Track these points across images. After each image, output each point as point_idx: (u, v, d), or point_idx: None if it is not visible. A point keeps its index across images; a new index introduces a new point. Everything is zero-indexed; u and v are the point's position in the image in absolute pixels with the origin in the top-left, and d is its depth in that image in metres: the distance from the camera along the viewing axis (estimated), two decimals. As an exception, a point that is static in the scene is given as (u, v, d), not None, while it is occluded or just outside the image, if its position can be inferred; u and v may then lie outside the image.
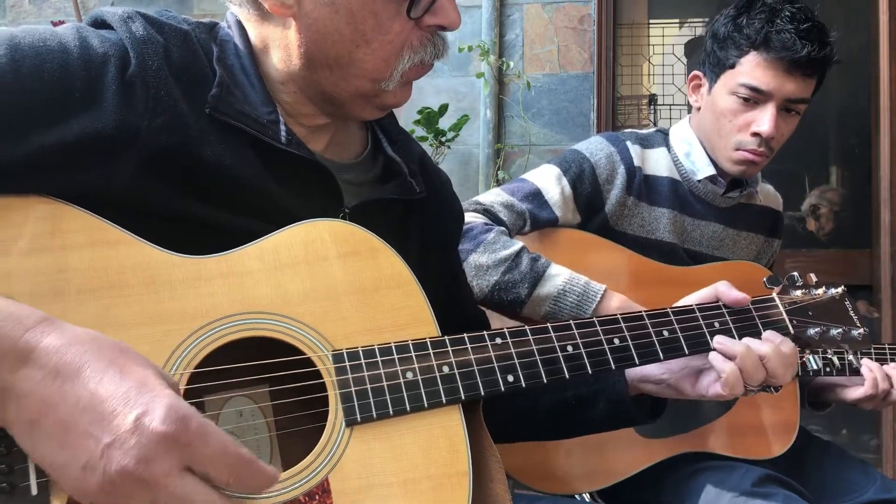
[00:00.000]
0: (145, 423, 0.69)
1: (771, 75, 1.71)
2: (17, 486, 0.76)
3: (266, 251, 0.93)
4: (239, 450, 0.74)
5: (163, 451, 0.69)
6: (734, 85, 1.74)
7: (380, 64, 1.01)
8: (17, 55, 0.86)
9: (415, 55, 1.03)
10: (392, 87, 1.04)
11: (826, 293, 1.28)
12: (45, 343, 0.72)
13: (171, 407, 0.70)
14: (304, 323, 0.92)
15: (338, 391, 0.90)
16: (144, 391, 0.71)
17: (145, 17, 0.98)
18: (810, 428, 1.96)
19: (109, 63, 0.91)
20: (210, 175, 0.95)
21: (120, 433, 0.69)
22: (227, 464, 0.73)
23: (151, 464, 0.69)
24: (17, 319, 0.72)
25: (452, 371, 0.95)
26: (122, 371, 0.72)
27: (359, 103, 1.06)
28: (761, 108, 1.74)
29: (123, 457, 0.69)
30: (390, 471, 0.90)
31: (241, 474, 0.74)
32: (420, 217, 1.20)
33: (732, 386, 1.09)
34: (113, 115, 0.89)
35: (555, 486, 1.66)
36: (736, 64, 1.74)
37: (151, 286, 0.87)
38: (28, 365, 0.71)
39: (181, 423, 0.70)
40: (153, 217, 0.91)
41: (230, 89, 1.00)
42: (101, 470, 0.69)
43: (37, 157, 0.85)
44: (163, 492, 0.70)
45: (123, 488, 0.70)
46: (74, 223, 0.86)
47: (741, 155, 1.78)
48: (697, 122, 1.89)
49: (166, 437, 0.69)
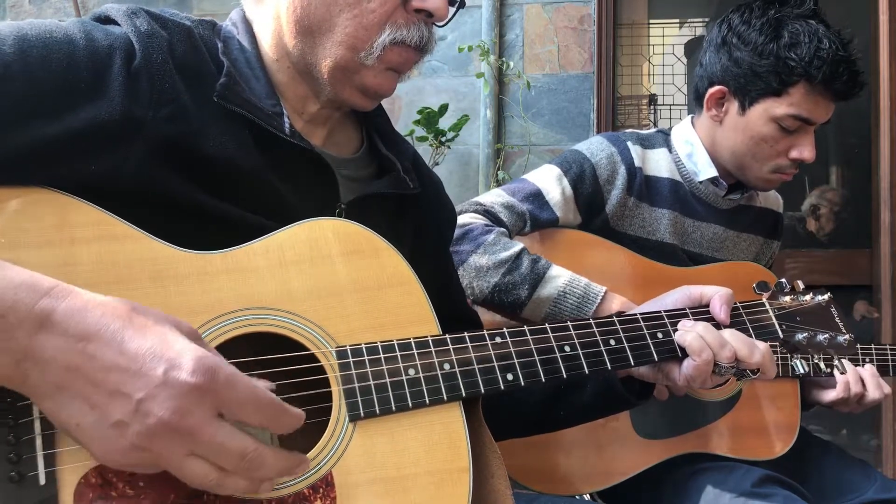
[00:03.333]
0: (175, 375, 0.72)
1: (821, 106, 1.72)
2: (26, 475, 0.77)
3: (271, 248, 0.94)
4: (267, 394, 0.78)
5: (196, 401, 0.72)
6: (780, 114, 1.72)
7: (360, 30, 1.03)
8: (24, 45, 0.87)
9: (396, 31, 1.04)
10: (371, 62, 1.05)
11: (813, 299, 1.31)
12: (62, 308, 0.73)
13: (198, 359, 0.73)
14: (309, 319, 0.93)
15: (341, 387, 0.92)
16: (167, 346, 0.73)
17: (149, 13, 1.00)
18: (810, 428, 1.96)
19: (115, 55, 0.92)
20: (212, 166, 0.96)
21: (151, 388, 0.72)
22: (257, 407, 0.77)
23: (187, 414, 0.72)
24: (31, 286, 0.73)
25: (453, 369, 0.97)
26: (142, 329, 0.74)
27: (339, 78, 1.07)
28: (801, 134, 1.75)
29: (159, 409, 0.71)
30: (392, 465, 0.91)
31: (272, 416, 0.79)
32: (414, 214, 1.22)
33: (699, 352, 1.09)
34: (119, 106, 0.90)
35: (555, 487, 1.66)
36: (783, 93, 1.71)
37: (158, 280, 0.88)
38: (46, 330, 0.72)
39: (210, 374, 0.73)
40: (157, 207, 0.92)
41: (236, 79, 1.02)
42: (138, 425, 0.72)
43: (44, 146, 0.86)
44: (200, 440, 0.74)
45: (161, 441, 0.73)
46: (82, 217, 0.87)
47: (778, 177, 1.80)
48: (712, 133, 1.87)
49: (197, 388, 0.72)
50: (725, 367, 1.10)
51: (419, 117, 3.10)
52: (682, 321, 1.14)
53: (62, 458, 0.78)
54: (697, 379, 1.11)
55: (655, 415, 1.71)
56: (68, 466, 0.78)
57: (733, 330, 1.14)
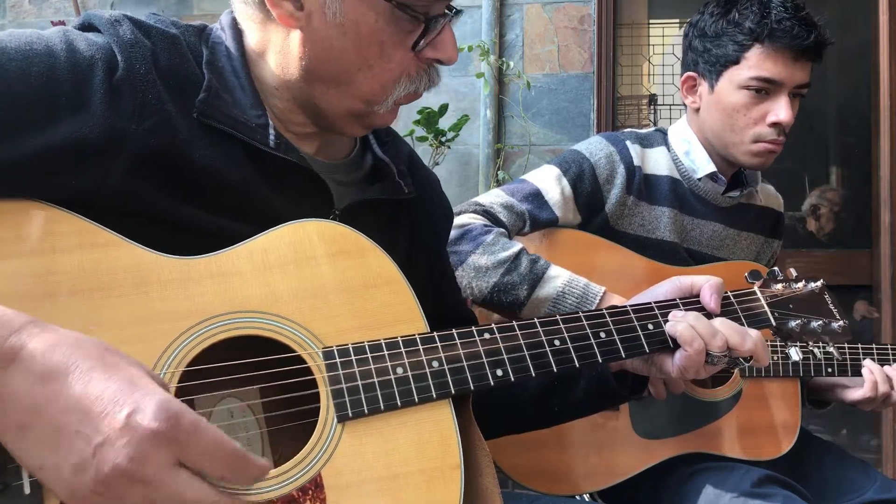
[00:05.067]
0: (136, 420, 0.69)
1: (781, 65, 1.73)
2: (10, 484, 0.76)
3: (255, 251, 0.94)
4: (231, 444, 0.74)
5: (155, 449, 0.69)
6: (743, 79, 1.75)
7: (377, 88, 1.03)
8: (2, 59, 0.86)
9: (410, 84, 1.05)
10: (383, 111, 1.06)
11: (806, 287, 1.30)
12: (31, 346, 0.71)
13: (161, 404, 0.70)
14: (294, 321, 0.92)
15: (329, 387, 0.91)
16: (133, 389, 0.71)
17: (133, 21, 0.98)
18: (810, 428, 1.96)
19: (97, 67, 0.91)
20: (200, 178, 0.95)
21: (111, 432, 0.69)
22: (220, 458, 0.74)
23: (144, 462, 0.69)
24: (2, 324, 0.71)
25: (442, 366, 0.96)
26: (110, 370, 0.72)
27: (348, 121, 1.08)
28: (774, 98, 1.76)
29: (116, 455, 0.68)
30: (382, 465, 0.90)
31: (235, 467, 0.75)
32: (409, 216, 1.21)
33: (690, 342, 1.08)
34: (101, 120, 0.89)
35: (555, 487, 1.66)
36: (740, 59, 1.75)
37: (141, 287, 0.87)
38: (13, 368, 0.70)
39: (173, 420, 0.70)
40: (144, 219, 0.91)
41: (218, 93, 1.00)
42: (94, 470, 0.69)
43: (23, 161, 0.84)
44: (157, 489, 0.70)
45: (117, 487, 0.70)
46: (65, 226, 0.87)
47: (761, 147, 1.79)
48: (698, 123, 1.89)
49: (158, 434, 0.69)
50: (718, 356, 1.09)
51: (419, 117, 3.09)
52: (673, 312, 1.14)
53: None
54: (690, 369, 1.10)
55: (655, 415, 1.71)
56: None
57: (724, 318, 1.13)
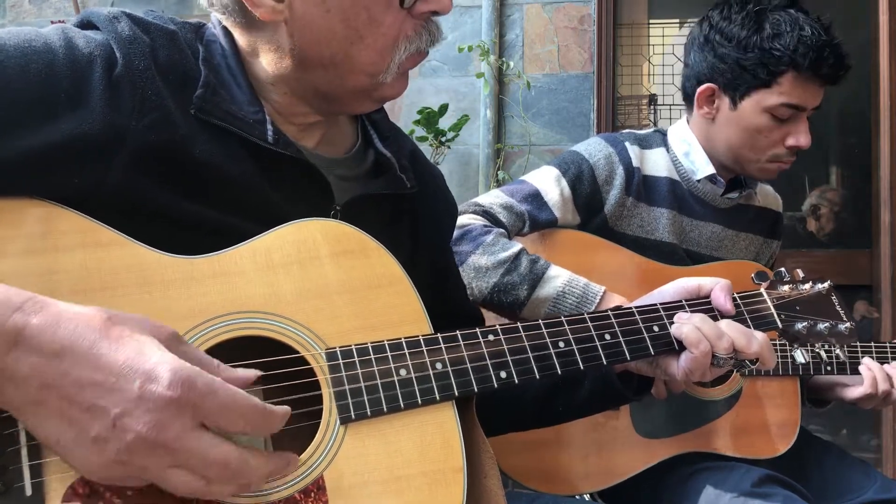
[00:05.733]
0: (151, 389, 0.70)
1: (810, 92, 1.74)
2: (12, 486, 0.75)
3: (258, 251, 0.93)
4: (248, 398, 0.76)
5: (174, 414, 0.71)
6: (772, 104, 1.74)
7: (376, 58, 1.02)
8: (1, 56, 0.85)
9: (410, 45, 1.03)
10: (390, 80, 1.04)
11: (813, 288, 1.29)
12: (34, 323, 0.71)
13: (174, 370, 0.71)
14: (297, 321, 0.92)
15: (332, 389, 0.91)
16: (143, 358, 0.71)
17: (131, 18, 0.98)
18: (810, 428, 1.96)
19: (95, 63, 0.90)
20: (201, 173, 0.95)
21: (127, 403, 0.70)
22: (239, 414, 0.75)
23: (165, 428, 0.70)
24: (2, 302, 0.71)
25: (446, 368, 0.96)
26: (118, 339, 0.72)
27: (357, 98, 1.07)
28: (795, 122, 1.76)
29: (136, 424, 0.70)
30: (385, 467, 0.90)
31: (255, 420, 0.76)
32: (411, 212, 1.20)
33: (696, 344, 1.08)
34: (100, 117, 0.88)
35: (555, 487, 1.66)
36: (772, 83, 1.73)
37: (144, 286, 0.87)
38: (20, 347, 0.70)
39: (187, 385, 0.71)
40: (144, 216, 0.91)
41: (216, 89, 1.00)
42: (115, 440, 0.70)
43: (23, 158, 0.84)
44: (180, 452, 0.72)
45: (139, 456, 0.71)
46: (67, 225, 0.86)
47: (776, 165, 1.81)
48: (707, 131, 1.87)
49: (175, 401, 0.70)
50: (724, 359, 1.08)
51: (419, 117, 3.09)
52: (679, 314, 1.13)
53: (48, 469, 0.77)
54: (696, 372, 1.10)
55: (656, 414, 1.71)
56: (55, 477, 0.77)
57: (730, 320, 1.13)
